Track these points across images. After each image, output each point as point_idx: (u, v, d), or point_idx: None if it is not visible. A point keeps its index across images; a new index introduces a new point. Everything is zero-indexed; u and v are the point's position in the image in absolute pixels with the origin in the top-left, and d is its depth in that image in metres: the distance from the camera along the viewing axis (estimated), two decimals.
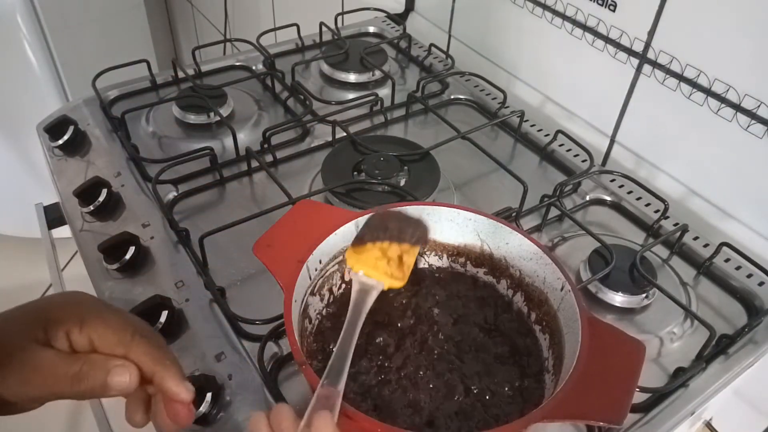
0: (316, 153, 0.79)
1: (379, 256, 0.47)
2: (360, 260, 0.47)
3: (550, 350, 0.48)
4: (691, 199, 0.73)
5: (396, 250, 0.49)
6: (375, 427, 0.38)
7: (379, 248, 0.48)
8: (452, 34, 1.01)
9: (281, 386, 0.52)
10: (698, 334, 0.59)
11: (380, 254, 0.48)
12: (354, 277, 0.47)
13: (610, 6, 0.73)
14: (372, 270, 0.47)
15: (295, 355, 0.41)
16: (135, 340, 0.39)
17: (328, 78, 0.93)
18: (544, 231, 0.70)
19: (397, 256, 0.48)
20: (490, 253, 0.53)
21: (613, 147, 0.81)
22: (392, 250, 0.48)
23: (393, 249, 0.48)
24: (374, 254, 0.48)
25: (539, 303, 0.50)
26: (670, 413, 0.53)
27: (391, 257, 0.48)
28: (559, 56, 0.83)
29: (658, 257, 0.67)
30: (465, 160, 0.78)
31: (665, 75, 0.71)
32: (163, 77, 0.90)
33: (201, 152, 0.73)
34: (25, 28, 1.48)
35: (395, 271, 0.48)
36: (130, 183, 0.72)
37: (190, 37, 2.14)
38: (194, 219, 0.69)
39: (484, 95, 0.90)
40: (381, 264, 0.47)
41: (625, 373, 0.42)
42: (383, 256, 0.48)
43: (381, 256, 0.47)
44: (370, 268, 0.47)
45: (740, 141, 0.65)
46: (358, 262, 0.47)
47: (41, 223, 0.79)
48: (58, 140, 0.77)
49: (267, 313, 0.55)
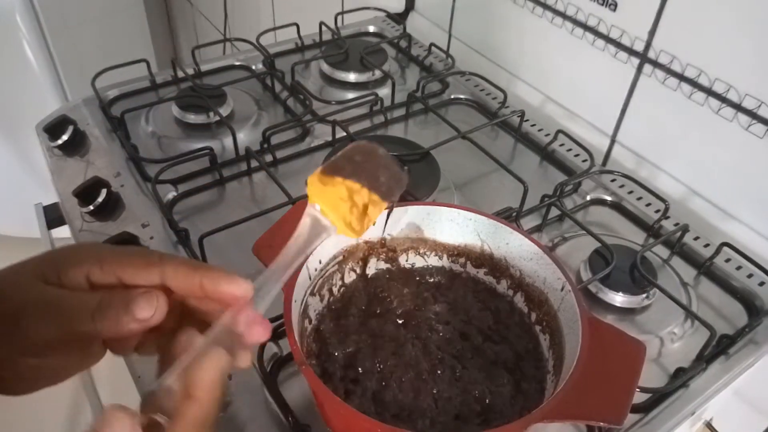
0: (316, 153, 0.79)
1: (344, 197, 0.41)
2: (322, 193, 0.40)
3: (550, 350, 0.48)
4: (691, 199, 0.73)
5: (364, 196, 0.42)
6: (375, 427, 0.38)
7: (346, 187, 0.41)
8: (452, 33, 1.01)
9: (281, 386, 0.52)
10: (698, 335, 0.59)
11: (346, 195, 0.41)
12: (309, 210, 0.41)
13: (610, 6, 0.73)
14: (331, 210, 0.40)
15: (294, 356, 0.40)
16: (165, 259, 0.35)
17: (328, 78, 0.93)
18: (544, 231, 0.70)
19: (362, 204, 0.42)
20: (490, 253, 0.53)
21: (613, 147, 0.81)
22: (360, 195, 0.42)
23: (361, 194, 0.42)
24: (339, 192, 0.41)
25: (539, 303, 0.50)
26: (671, 413, 0.53)
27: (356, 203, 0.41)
28: (559, 56, 0.83)
29: (658, 257, 0.67)
30: (465, 160, 0.78)
31: (666, 75, 0.71)
32: (163, 77, 0.90)
33: (201, 152, 0.73)
34: (24, 28, 1.48)
35: (355, 220, 0.41)
36: (129, 183, 0.72)
37: (190, 36, 2.14)
38: (194, 219, 0.69)
39: (485, 95, 0.90)
40: (343, 206, 0.41)
41: (625, 373, 0.42)
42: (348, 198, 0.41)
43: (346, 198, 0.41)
44: (329, 206, 0.40)
45: (741, 141, 0.65)
46: (319, 195, 0.40)
47: (41, 223, 0.79)
48: (58, 140, 0.77)
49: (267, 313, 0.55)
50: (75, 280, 0.34)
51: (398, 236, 0.54)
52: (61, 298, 0.33)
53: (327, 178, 0.41)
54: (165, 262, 0.35)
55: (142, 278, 0.35)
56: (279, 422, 0.50)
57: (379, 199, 0.42)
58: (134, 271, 0.35)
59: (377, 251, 0.54)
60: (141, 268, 0.35)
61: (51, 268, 0.34)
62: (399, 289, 0.53)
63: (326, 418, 0.47)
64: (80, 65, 1.54)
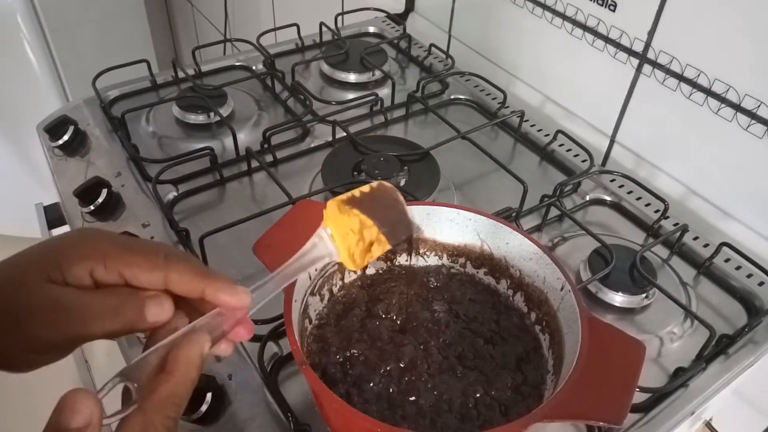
0: (316, 153, 0.79)
1: (356, 229, 0.43)
2: (337, 219, 0.43)
3: (550, 350, 0.48)
4: (691, 199, 0.73)
5: (372, 234, 0.45)
6: (375, 427, 0.38)
7: (360, 220, 0.44)
8: (452, 34, 1.01)
9: (281, 386, 0.52)
10: (698, 334, 0.59)
11: (357, 228, 0.43)
12: (320, 231, 0.43)
13: (610, 6, 0.73)
14: (340, 237, 0.43)
15: (295, 356, 0.41)
16: (171, 261, 0.35)
17: (328, 78, 0.93)
18: (544, 231, 0.70)
19: (369, 240, 0.44)
20: (490, 253, 0.53)
21: (613, 147, 0.81)
22: (370, 231, 0.44)
23: (371, 231, 0.44)
24: (352, 223, 0.43)
25: (539, 303, 0.50)
26: (670, 413, 0.53)
27: (364, 237, 0.44)
28: (559, 56, 0.83)
29: (658, 257, 0.67)
30: (465, 160, 0.78)
31: (665, 75, 0.71)
32: (163, 77, 0.90)
33: (201, 152, 0.73)
34: (25, 29, 1.48)
35: (358, 253, 0.44)
36: (130, 183, 0.72)
37: (190, 37, 2.14)
38: (194, 219, 0.69)
39: (484, 95, 0.90)
40: (351, 237, 0.43)
41: (625, 373, 0.42)
42: (358, 231, 0.44)
43: (357, 231, 0.43)
44: (339, 234, 0.43)
45: (740, 141, 0.65)
46: (333, 220, 0.43)
47: (41, 223, 0.79)
48: (58, 140, 0.77)
49: (267, 313, 0.55)
50: (79, 278, 0.34)
51: None
52: (69, 300, 0.33)
53: (346, 207, 0.43)
54: (170, 266, 0.35)
55: (146, 280, 0.35)
56: (279, 422, 0.50)
57: (385, 240, 0.46)
58: (138, 271, 0.35)
59: None
60: (145, 270, 0.35)
61: (55, 266, 0.34)
62: (399, 289, 0.53)
63: (326, 418, 0.47)
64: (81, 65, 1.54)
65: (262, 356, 0.53)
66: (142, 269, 0.35)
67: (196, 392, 0.49)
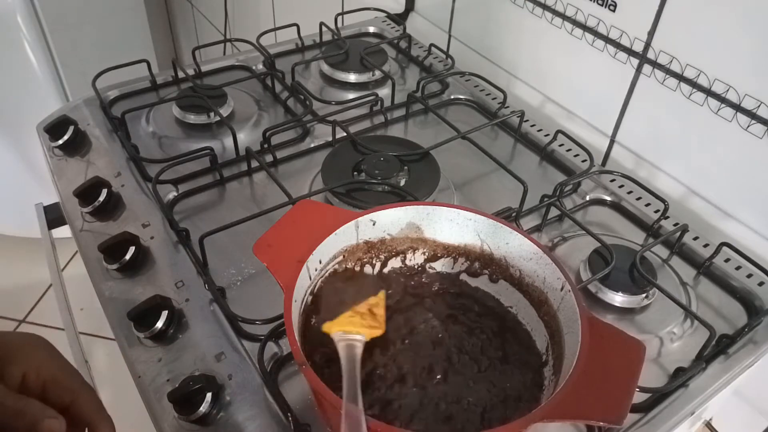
0: (316, 153, 0.79)
1: (351, 314, 0.47)
2: (336, 325, 0.46)
3: (550, 350, 0.48)
4: (691, 199, 0.73)
5: (363, 306, 0.48)
6: (375, 427, 0.38)
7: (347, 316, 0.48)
8: (452, 34, 1.01)
9: (281, 386, 0.52)
10: (698, 334, 0.59)
11: (351, 312, 0.47)
12: (335, 337, 0.46)
13: (610, 6, 0.73)
14: (349, 327, 0.46)
15: (295, 356, 0.41)
16: (83, 390, 0.44)
17: (328, 78, 0.93)
18: (544, 231, 0.70)
19: (367, 310, 0.48)
20: (490, 253, 0.53)
21: (613, 147, 0.81)
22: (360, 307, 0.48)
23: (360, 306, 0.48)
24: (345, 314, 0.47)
25: (539, 303, 0.50)
26: (670, 413, 0.53)
27: (362, 311, 0.48)
28: (559, 56, 0.83)
29: (658, 257, 0.67)
30: (465, 160, 0.78)
31: (665, 75, 0.71)
32: (163, 77, 0.90)
33: (201, 152, 0.73)
34: (25, 28, 1.48)
35: (371, 322, 0.48)
36: (130, 183, 0.72)
37: (190, 37, 2.14)
38: (194, 219, 0.69)
39: (484, 95, 0.90)
40: (355, 320, 0.47)
41: (625, 373, 0.42)
42: (354, 313, 0.47)
43: (353, 314, 0.47)
44: (345, 326, 0.46)
45: (740, 141, 0.65)
46: (333, 326, 0.46)
47: (41, 223, 0.79)
48: (58, 140, 0.77)
49: (267, 313, 0.56)
50: (12, 378, 0.42)
51: (398, 236, 0.54)
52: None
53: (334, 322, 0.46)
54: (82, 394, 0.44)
55: (59, 396, 0.43)
56: (279, 422, 0.50)
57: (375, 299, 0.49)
58: (56, 388, 0.43)
59: (377, 251, 0.54)
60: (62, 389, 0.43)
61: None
62: (399, 289, 0.53)
63: (326, 418, 0.47)
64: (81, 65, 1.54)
65: (262, 356, 0.53)
66: (60, 388, 0.43)
67: (197, 392, 0.50)
